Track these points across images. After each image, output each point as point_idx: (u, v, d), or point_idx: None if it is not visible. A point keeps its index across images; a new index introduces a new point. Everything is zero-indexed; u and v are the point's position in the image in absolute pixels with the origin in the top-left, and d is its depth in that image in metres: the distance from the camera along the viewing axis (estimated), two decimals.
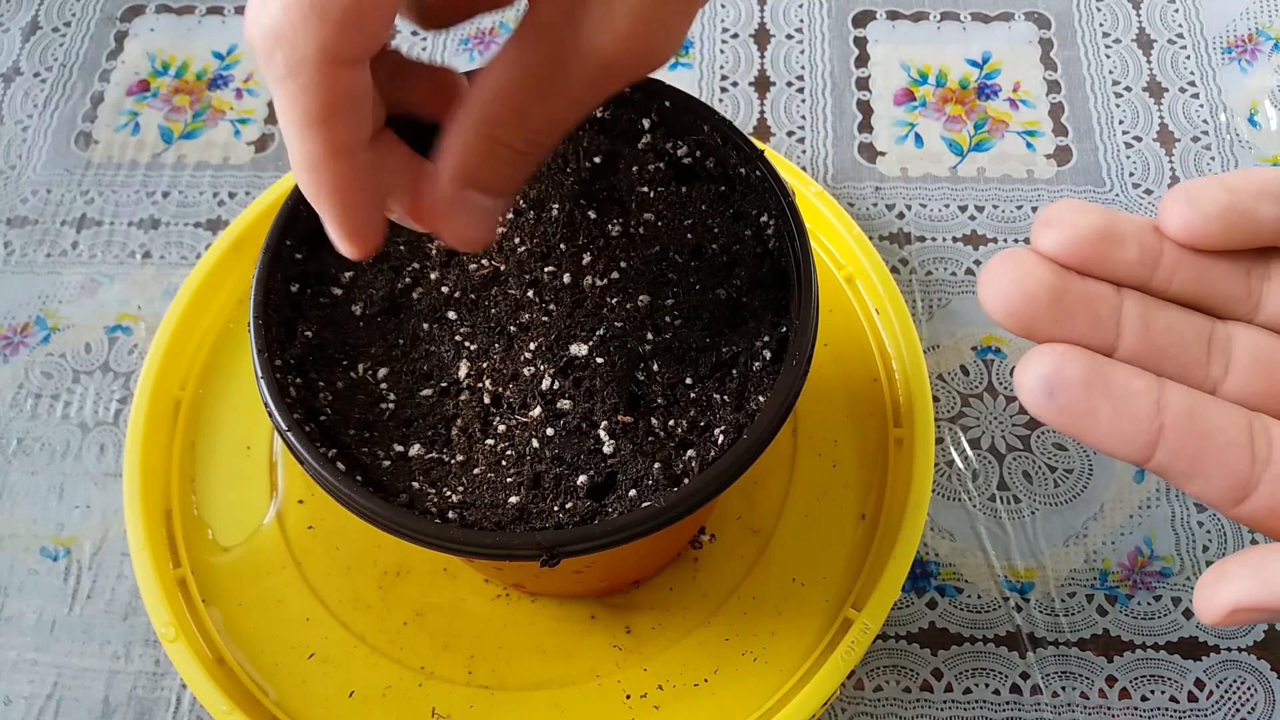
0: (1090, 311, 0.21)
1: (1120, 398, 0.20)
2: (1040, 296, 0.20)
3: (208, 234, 0.50)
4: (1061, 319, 0.21)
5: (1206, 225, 0.21)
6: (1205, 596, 0.20)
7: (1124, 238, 0.21)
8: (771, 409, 0.28)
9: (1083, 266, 0.21)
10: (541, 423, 0.30)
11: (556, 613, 0.38)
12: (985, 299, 0.21)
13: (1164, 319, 0.22)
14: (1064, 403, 0.20)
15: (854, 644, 0.35)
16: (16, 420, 0.46)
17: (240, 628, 0.38)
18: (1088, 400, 0.20)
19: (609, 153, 0.35)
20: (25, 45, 0.57)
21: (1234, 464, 0.20)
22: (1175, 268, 0.22)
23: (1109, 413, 0.20)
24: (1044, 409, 0.20)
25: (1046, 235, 0.21)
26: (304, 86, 0.20)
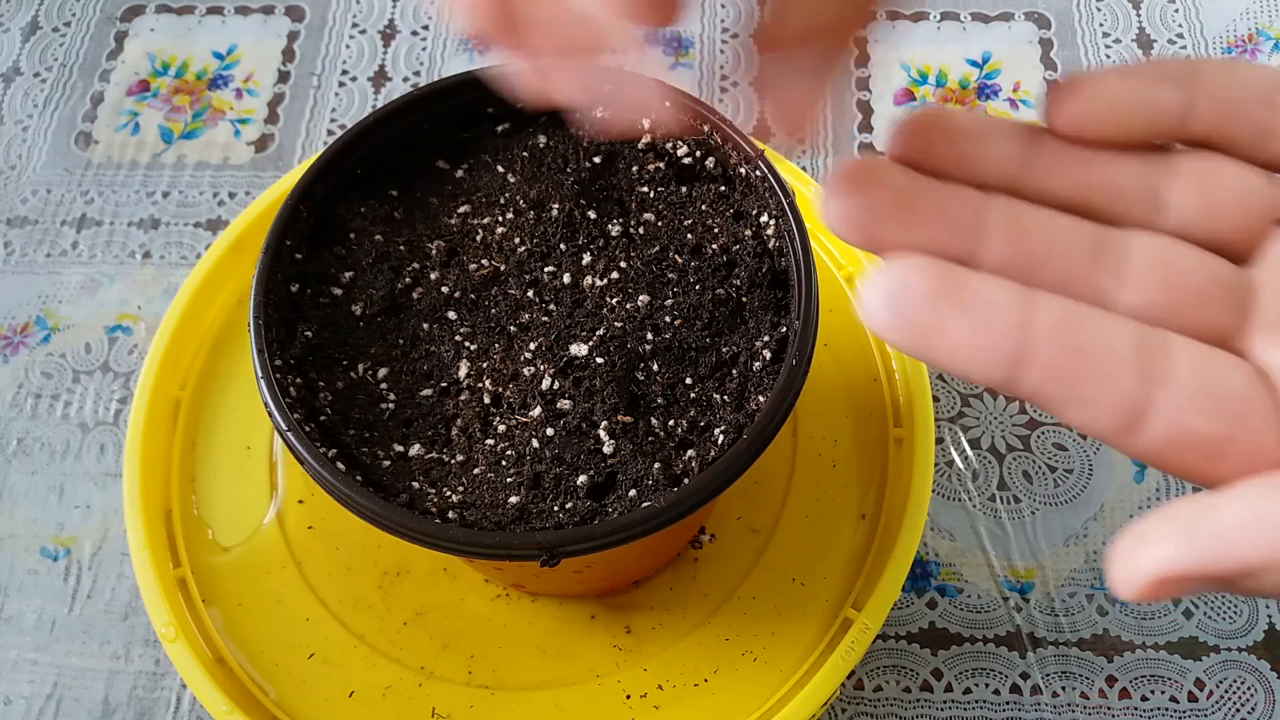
0: (946, 215, 0.18)
1: (977, 308, 0.16)
2: (884, 199, 0.17)
3: (208, 234, 0.50)
4: (910, 225, 0.17)
5: (1093, 111, 0.18)
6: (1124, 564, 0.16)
7: (989, 134, 0.18)
8: (771, 409, 0.28)
9: (941, 168, 0.18)
10: (541, 423, 0.30)
11: (556, 613, 0.38)
12: (824, 210, 0.18)
13: (1040, 223, 0.18)
14: (909, 316, 0.16)
15: (854, 644, 0.35)
16: (16, 420, 0.46)
17: (240, 628, 0.38)
18: (936, 313, 0.16)
19: (609, 153, 0.35)
20: (25, 45, 0.57)
21: (1120, 383, 0.16)
22: (1055, 165, 0.19)
23: (963, 326, 0.16)
24: (887, 325, 0.16)
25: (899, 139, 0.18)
26: None
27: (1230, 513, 0.16)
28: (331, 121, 0.54)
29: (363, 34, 0.57)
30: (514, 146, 0.35)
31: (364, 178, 0.35)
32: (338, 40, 0.57)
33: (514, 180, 0.35)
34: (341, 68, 0.56)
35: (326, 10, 0.58)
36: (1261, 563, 0.15)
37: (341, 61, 0.56)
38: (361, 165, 0.34)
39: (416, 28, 0.57)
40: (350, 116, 0.54)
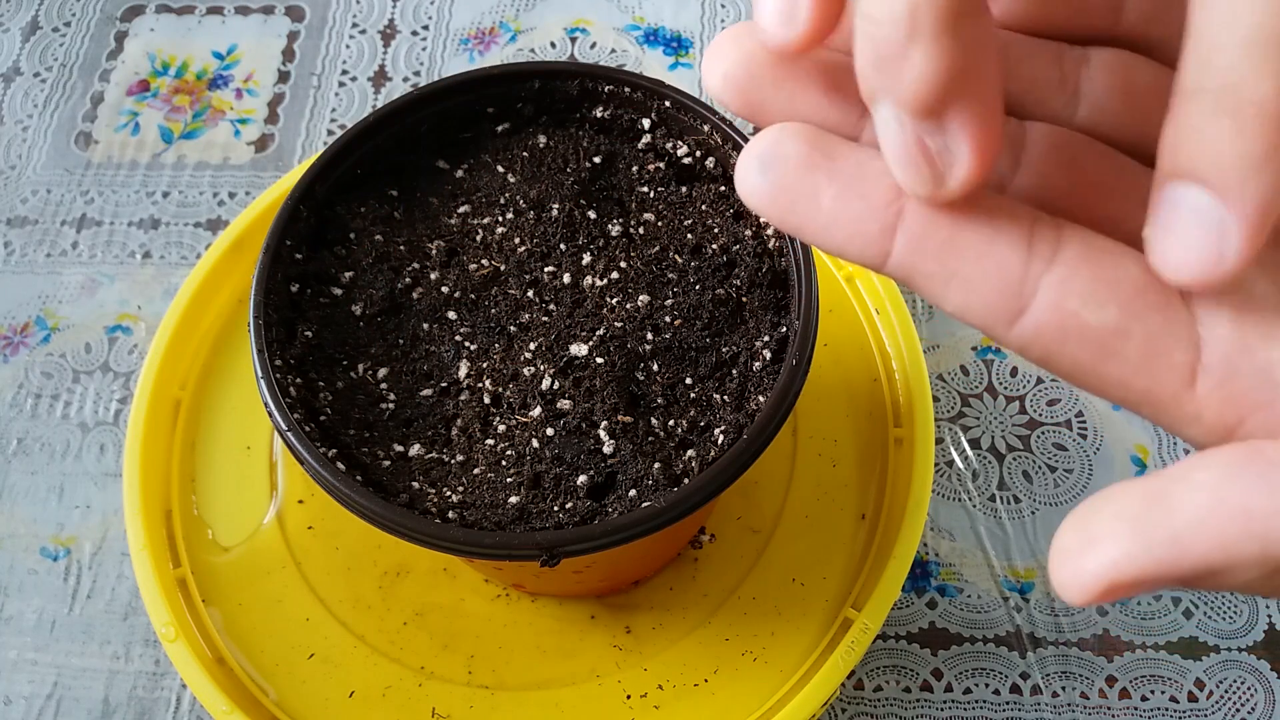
0: (828, 82, 0.16)
1: (850, 177, 0.15)
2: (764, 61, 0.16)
3: (208, 234, 0.50)
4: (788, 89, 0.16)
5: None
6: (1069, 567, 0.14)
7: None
8: (771, 409, 0.28)
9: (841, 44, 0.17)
10: (541, 423, 0.30)
11: (556, 613, 0.38)
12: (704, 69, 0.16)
13: None
14: (779, 182, 0.15)
15: (854, 644, 0.35)
16: (16, 420, 0.46)
17: (240, 628, 0.38)
18: (808, 178, 0.15)
19: (609, 153, 0.35)
20: (25, 45, 0.57)
21: (1002, 259, 0.15)
22: None
23: (833, 194, 0.15)
24: (758, 192, 0.15)
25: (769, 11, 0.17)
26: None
27: (1187, 503, 0.14)
28: (331, 121, 0.54)
29: (363, 34, 0.57)
30: (514, 146, 0.35)
31: (364, 178, 0.35)
32: (338, 40, 0.57)
33: (514, 180, 0.35)
34: (341, 68, 0.56)
35: (326, 10, 0.58)
36: (1226, 560, 0.13)
37: (341, 61, 0.56)
38: (361, 165, 0.34)
39: (416, 28, 0.57)
40: (350, 116, 0.54)
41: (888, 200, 0.15)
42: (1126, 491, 0.14)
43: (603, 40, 0.56)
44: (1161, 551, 0.14)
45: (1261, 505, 0.13)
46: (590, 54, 0.56)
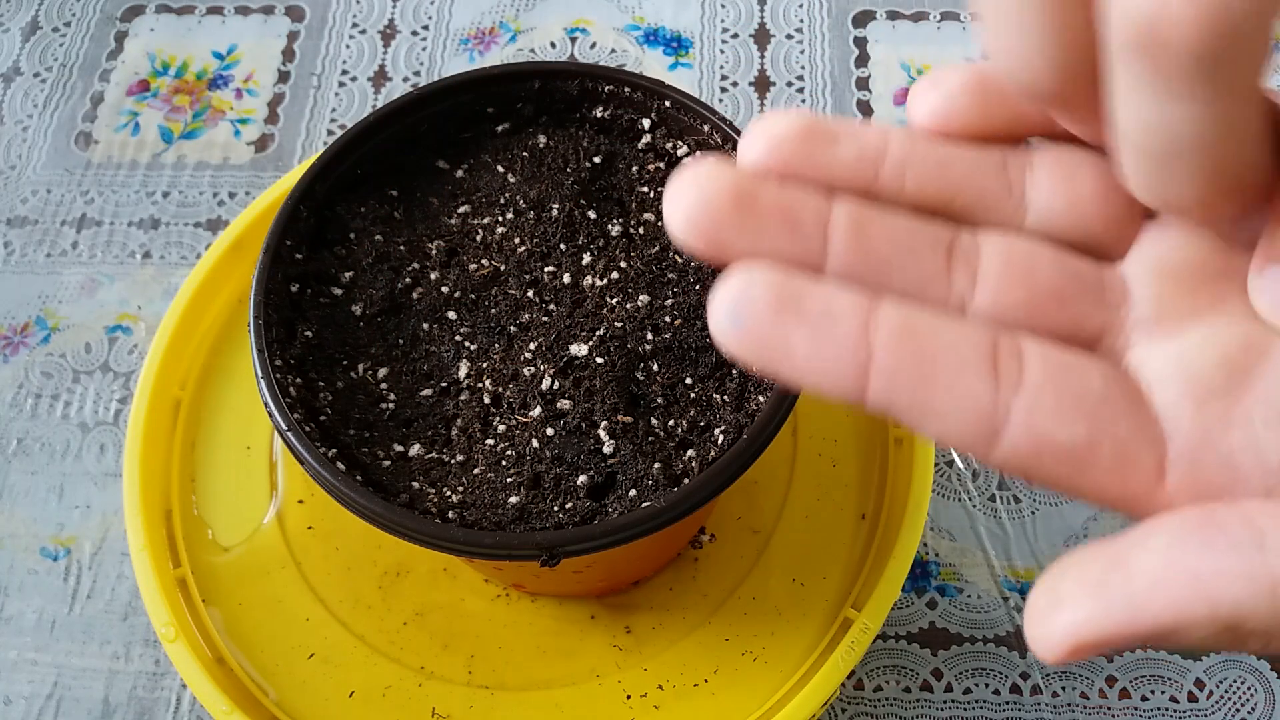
0: (787, 219, 0.17)
1: (818, 319, 0.16)
2: (722, 203, 0.17)
3: (208, 234, 0.50)
4: (751, 230, 0.17)
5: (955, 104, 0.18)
6: (1039, 627, 0.15)
7: (834, 135, 0.18)
8: (771, 409, 0.28)
9: (787, 171, 0.17)
10: (541, 423, 0.30)
11: (556, 613, 0.38)
12: (667, 213, 0.17)
13: (886, 225, 0.17)
14: (752, 330, 0.16)
15: (854, 644, 0.35)
16: (16, 420, 0.46)
17: (240, 628, 0.38)
18: (779, 325, 0.16)
19: (609, 153, 0.35)
20: (25, 45, 0.57)
21: (970, 390, 0.15)
22: (907, 165, 0.18)
23: (805, 338, 0.16)
24: (732, 340, 0.16)
25: (745, 147, 0.18)
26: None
27: (1142, 567, 0.15)
28: (331, 121, 0.54)
29: (363, 34, 0.57)
30: (514, 146, 0.35)
31: (364, 178, 0.35)
32: (338, 40, 0.57)
33: (514, 180, 0.35)
34: (341, 68, 0.56)
35: (326, 10, 0.58)
36: (1179, 621, 0.14)
37: (341, 61, 0.56)
38: (361, 165, 0.34)
39: (416, 28, 0.57)
40: (350, 116, 0.54)
41: (857, 341, 0.16)
42: (1091, 556, 0.15)
43: (603, 40, 0.56)
44: (1120, 615, 0.15)
45: (1208, 568, 0.14)
46: (590, 54, 0.56)
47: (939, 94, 0.18)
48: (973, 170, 0.18)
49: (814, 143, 0.18)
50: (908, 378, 0.16)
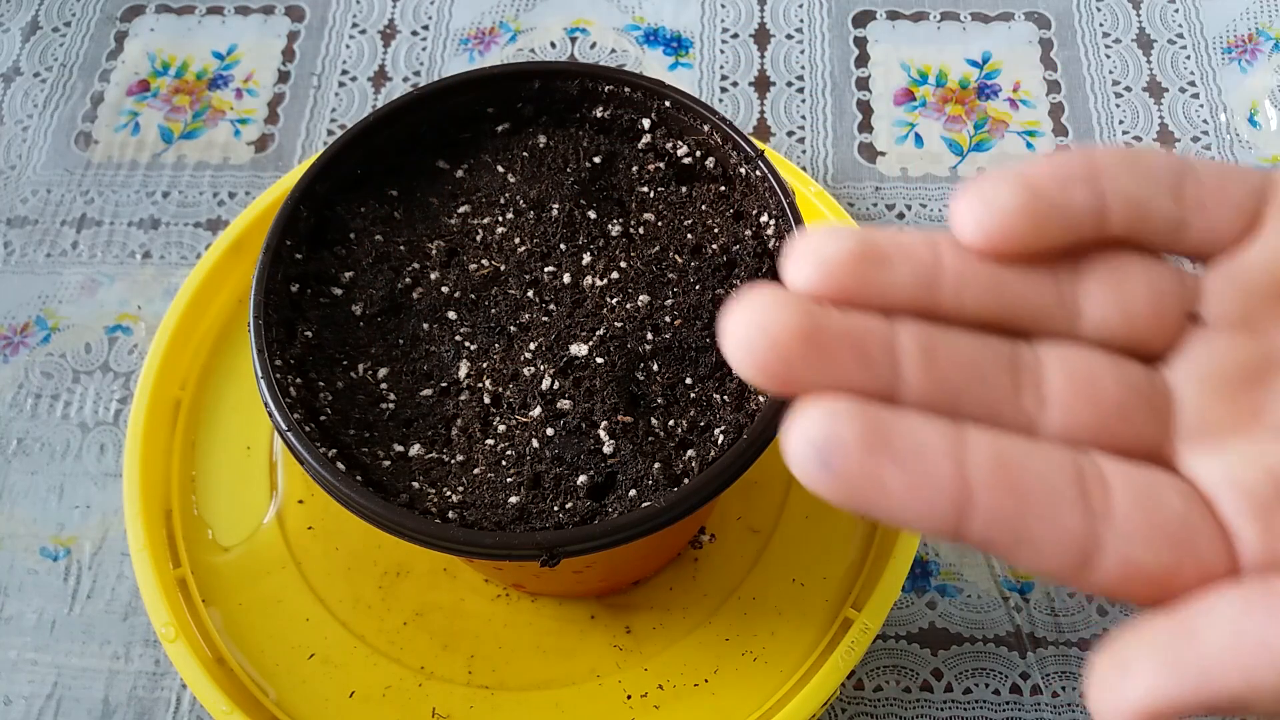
0: (857, 350, 0.16)
1: (911, 457, 0.15)
2: (789, 342, 0.16)
3: (208, 234, 0.50)
4: (822, 365, 0.16)
5: (1007, 223, 0.18)
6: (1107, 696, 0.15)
7: (887, 257, 0.17)
8: (771, 409, 0.28)
9: (843, 298, 0.17)
10: (541, 423, 0.30)
11: (556, 613, 0.38)
12: (732, 355, 0.16)
13: (953, 347, 0.17)
14: (844, 472, 0.15)
15: (854, 644, 0.35)
16: (16, 420, 0.46)
17: (240, 628, 0.38)
18: (872, 466, 0.15)
19: (609, 153, 0.35)
20: (25, 45, 0.57)
21: (1066, 524, 0.16)
22: (963, 284, 0.18)
23: (901, 478, 0.15)
24: (821, 483, 0.15)
25: (795, 270, 0.17)
26: None
27: (1211, 637, 0.15)
28: (331, 121, 0.54)
29: (363, 34, 0.57)
30: (514, 146, 0.35)
31: (364, 178, 0.35)
32: (338, 40, 0.57)
33: (514, 180, 0.35)
34: (341, 68, 0.56)
35: (326, 10, 0.58)
36: (1249, 690, 0.15)
37: (341, 61, 0.56)
38: (361, 165, 0.34)
39: (416, 28, 0.57)
40: (350, 116, 0.54)
41: (954, 479, 0.16)
42: (1156, 626, 0.16)
43: (603, 40, 0.56)
44: (1192, 684, 0.15)
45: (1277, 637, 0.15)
46: (590, 54, 0.56)
47: (989, 213, 0.18)
48: (1026, 285, 0.18)
49: (868, 266, 0.17)
50: (1005, 514, 0.16)
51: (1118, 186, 0.18)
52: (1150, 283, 0.18)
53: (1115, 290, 0.18)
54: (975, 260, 0.18)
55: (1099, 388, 0.18)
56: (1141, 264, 0.19)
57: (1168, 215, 0.18)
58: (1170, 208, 0.18)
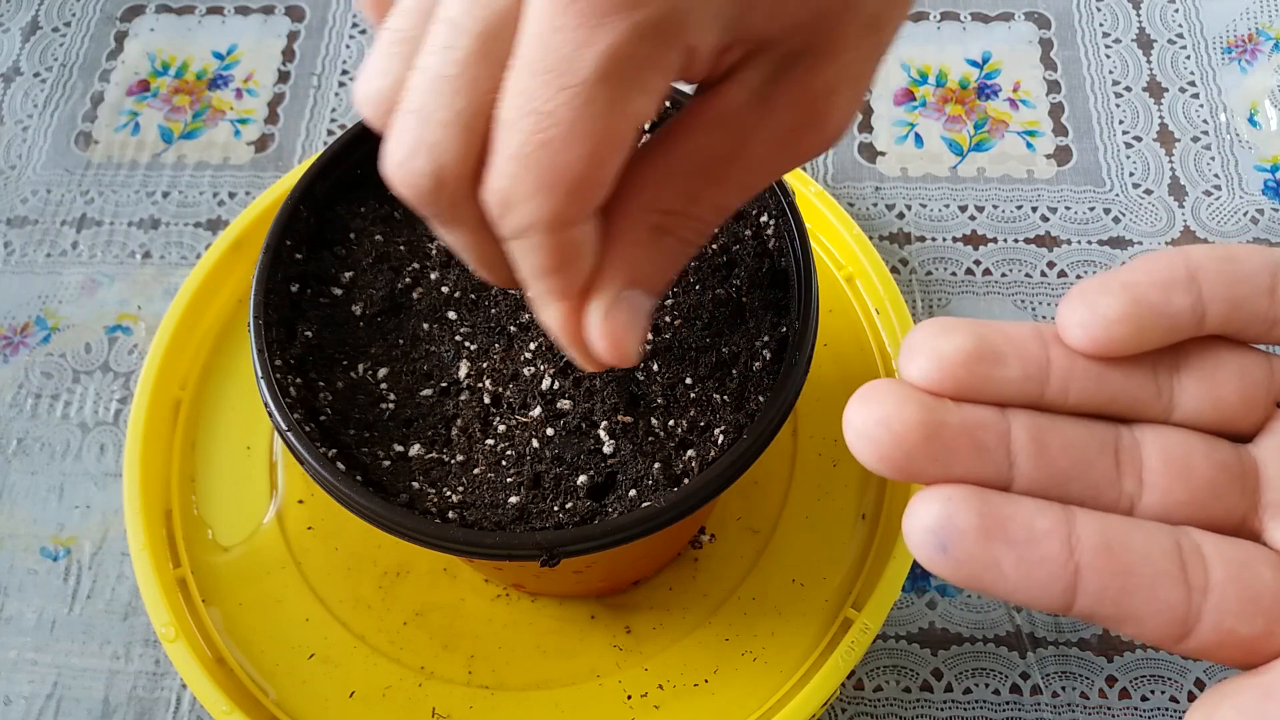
0: (974, 443, 0.18)
1: (1024, 541, 0.17)
2: (911, 436, 0.18)
3: (208, 234, 0.50)
4: (942, 457, 0.18)
5: (1112, 330, 0.19)
6: None
7: (1000, 354, 0.19)
8: (771, 409, 0.28)
9: (959, 393, 0.19)
10: (541, 423, 0.30)
11: (556, 613, 0.38)
12: (854, 445, 0.18)
13: (1061, 436, 0.19)
14: (961, 556, 0.17)
15: (854, 644, 0.35)
16: (16, 420, 0.46)
17: (240, 628, 0.38)
18: (987, 550, 0.17)
19: None
20: (25, 45, 0.57)
21: (1168, 598, 0.17)
22: (1069, 378, 0.19)
23: (1015, 561, 0.17)
24: (939, 565, 0.17)
25: (912, 364, 0.19)
26: (537, 245, 0.19)
27: None
28: (331, 121, 0.54)
29: (363, 34, 0.57)
30: None
31: (364, 178, 0.35)
32: (338, 40, 0.57)
33: None
34: (341, 68, 0.56)
35: (326, 10, 0.58)
36: None
37: (341, 61, 0.56)
38: (361, 165, 0.34)
39: None
40: (350, 116, 0.54)
41: (1063, 558, 0.17)
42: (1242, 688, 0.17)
43: None
44: None
45: None
46: None
47: (1096, 320, 0.19)
48: (1127, 379, 0.20)
49: (982, 364, 0.19)
50: (1112, 592, 0.17)
51: (1215, 290, 0.19)
52: (1241, 372, 0.20)
53: (1208, 381, 0.20)
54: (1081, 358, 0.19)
55: (1192, 466, 0.19)
56: (1233, 355, 0.20)
57: (1263, 315, 0.20)
58: (1266, 306, 0.20)
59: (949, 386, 0.18)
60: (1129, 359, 0.20)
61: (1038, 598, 0.17)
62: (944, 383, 0.18)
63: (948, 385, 0.18)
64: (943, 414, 0.18)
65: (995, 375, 0.19)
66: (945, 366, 0.18)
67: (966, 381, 0.19)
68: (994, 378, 0.19)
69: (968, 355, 0.19)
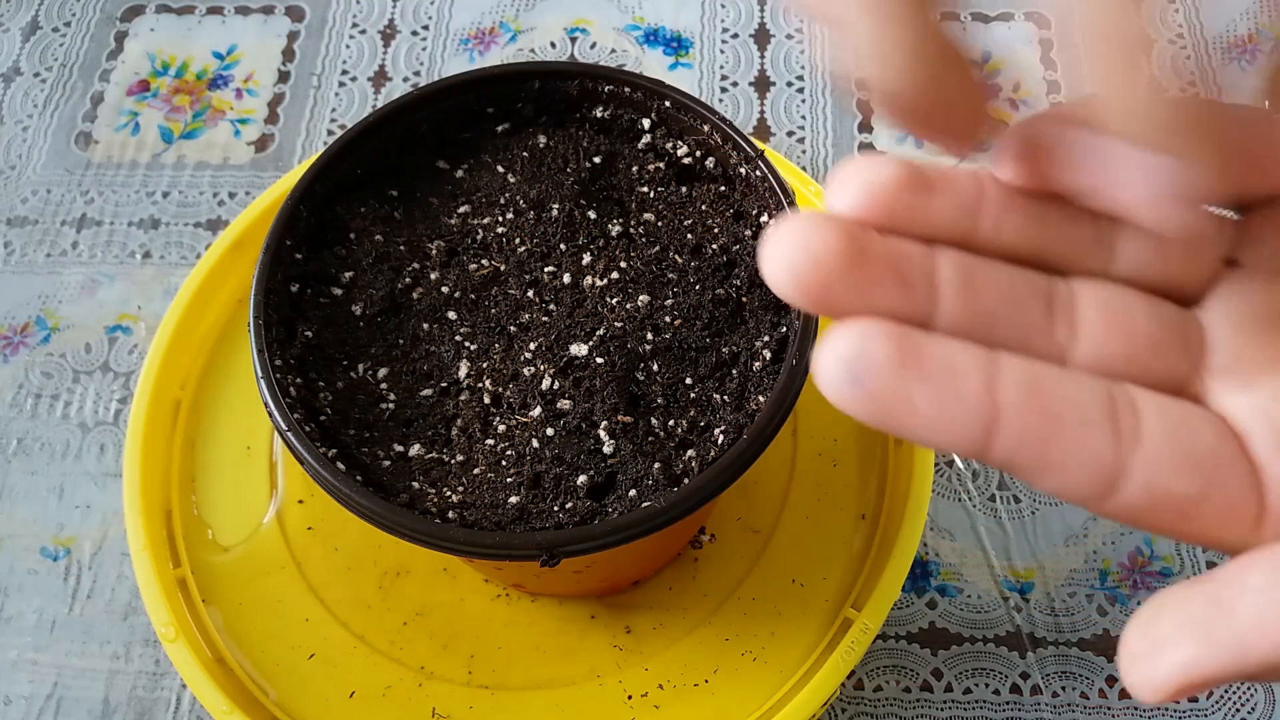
0: (896, 275, 0.17)
1: (942, 376, 0.16)
2: (830, 262, 0.16)
3: (208, 234, 0.50)
4: (861, 287, 0.16)
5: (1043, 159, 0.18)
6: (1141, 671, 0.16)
7: (932, 184, 0.18)
8: (771, 409, 0.28)
9: (887, 224, 0.17)
10: (541, 423, 0.30)
11: (556, 613, 0.38)
12: (769, 271, 0.17)
13: (991, 277, 0.18)
14: (874, 389, 0.16)
15: (854, 644, 0.35)
16: (16, 420, 0.46)
17: (240, 628, 0.38)
18: (902, 384, 0.16)
19: (609, 153, 0.35)
20: (25, 45, 0.57)
21: (1094, 447, 0.16)
22: (1004, 215, 0.18)
23: (930, 397, 0.16)
24: (850, 399, 0.16)
25: (839, 194, 0.17)
26: None
27: (1244, 606, 0.15)
28: (331, 121, 0.54)
29: (363, 34, 0.57)
30: (514, 146, 0.35)
31: (364, 178, 0.35)
32: (338, 40, 0.57)
33: (514, 180, 0.35)
34: (341, 68, 0.56)
35: (326, 10, 0.58)
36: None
37: (341, 61, 0.56)
38: (361, 165, 0.34)
39: (416, 28, 0.57)
40: (350, 116, 0.54)
41: (981, 396, 0.16)
42: (1186, 596, 0.16)
43: (603, 40, 0.56)
44: (1227, 654, 0.15)
45: None
46: (590, 54, 0.56)
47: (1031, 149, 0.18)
48: (1065, 221, 0.18)
49: (913, 193, 0.17)
50: (1033, 437, 0.16)
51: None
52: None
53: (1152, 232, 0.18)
54: (1017, 195, 0.18)
55: (1131, 321, 0.18)
56: None
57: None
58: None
59: (876, 216, 0.17)
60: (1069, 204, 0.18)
61: (953, 438, 0.16)
62: (871, 212, 0.17)
63: (875, 215, 0.17)
64: (866, 243, 0.17)
65: (925, 206, 0.18)
66: (873, 195, 0.17)
67: (895, 211, 0.17)
68: (924, 208, 0.18)
69: (897, 183, 0.17)
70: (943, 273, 0.17)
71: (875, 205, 0.17)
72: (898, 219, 0.17)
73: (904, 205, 0.17)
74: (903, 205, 0.17)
